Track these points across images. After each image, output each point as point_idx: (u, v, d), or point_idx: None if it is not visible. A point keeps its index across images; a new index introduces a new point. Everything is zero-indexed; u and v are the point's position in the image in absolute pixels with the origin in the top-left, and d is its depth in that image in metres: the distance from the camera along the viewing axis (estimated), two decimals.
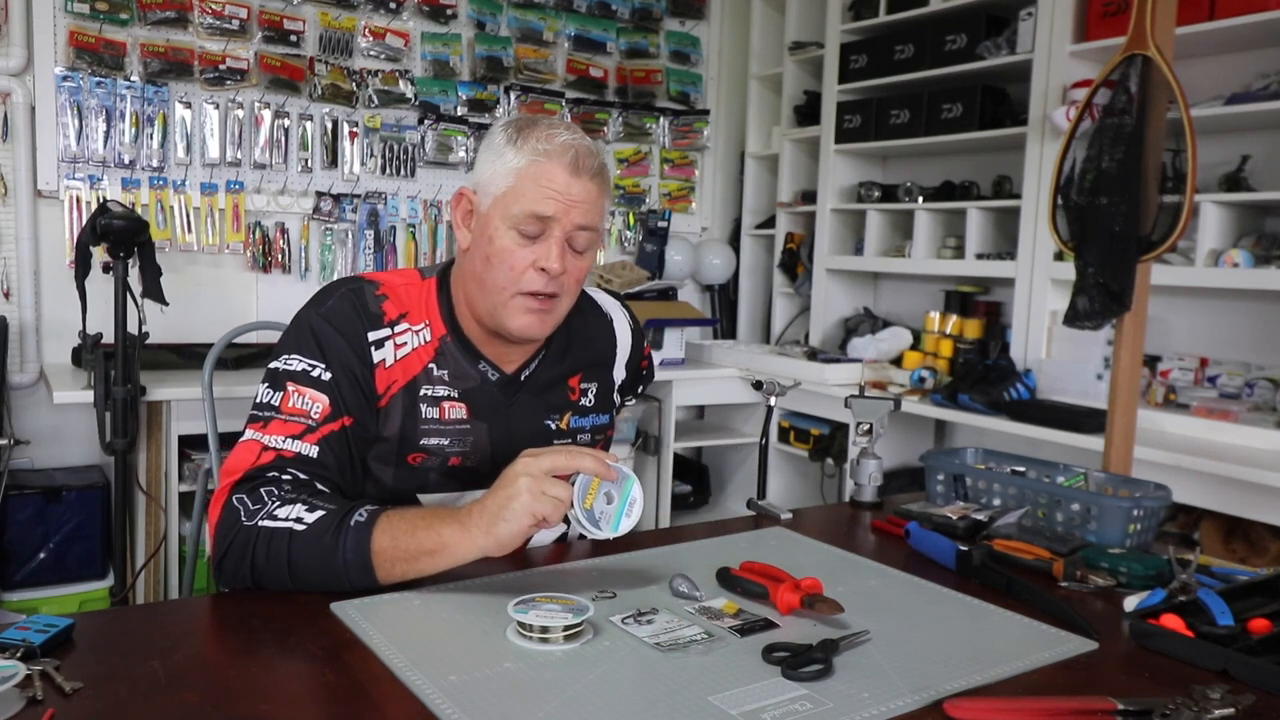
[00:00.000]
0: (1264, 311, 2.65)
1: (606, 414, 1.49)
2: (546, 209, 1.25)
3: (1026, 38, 2.96)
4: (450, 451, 1.33)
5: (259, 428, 1.23)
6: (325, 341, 1.27)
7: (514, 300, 1.28)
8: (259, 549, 1.13)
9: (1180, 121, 1.78)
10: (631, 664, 0.97)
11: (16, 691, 0.86)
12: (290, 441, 1.22)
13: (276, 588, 1.14)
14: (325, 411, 1.24)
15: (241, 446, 1.23)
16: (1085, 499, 1.45)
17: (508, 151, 1.26)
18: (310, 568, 1.12)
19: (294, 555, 1.12)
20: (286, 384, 1.25)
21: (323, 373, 1.26)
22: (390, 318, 1.32)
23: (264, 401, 1.25)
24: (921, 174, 3.56)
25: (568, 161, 1.24)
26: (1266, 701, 0.93)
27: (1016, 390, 2.82)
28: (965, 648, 1.04)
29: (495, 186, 1.27)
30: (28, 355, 2.98)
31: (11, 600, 2.68)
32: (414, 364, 1.32)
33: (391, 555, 1.12)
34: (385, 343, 1.30)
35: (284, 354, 1.28)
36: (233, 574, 1.16)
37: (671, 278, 3.85)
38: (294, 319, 1.32)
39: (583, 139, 1.28)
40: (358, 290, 1.33)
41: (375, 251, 3.45)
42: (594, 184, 1.27)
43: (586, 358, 1.46)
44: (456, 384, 1.34)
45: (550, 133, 1.26)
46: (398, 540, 1.12)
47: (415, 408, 1.31)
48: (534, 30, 3.70)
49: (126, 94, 3.03)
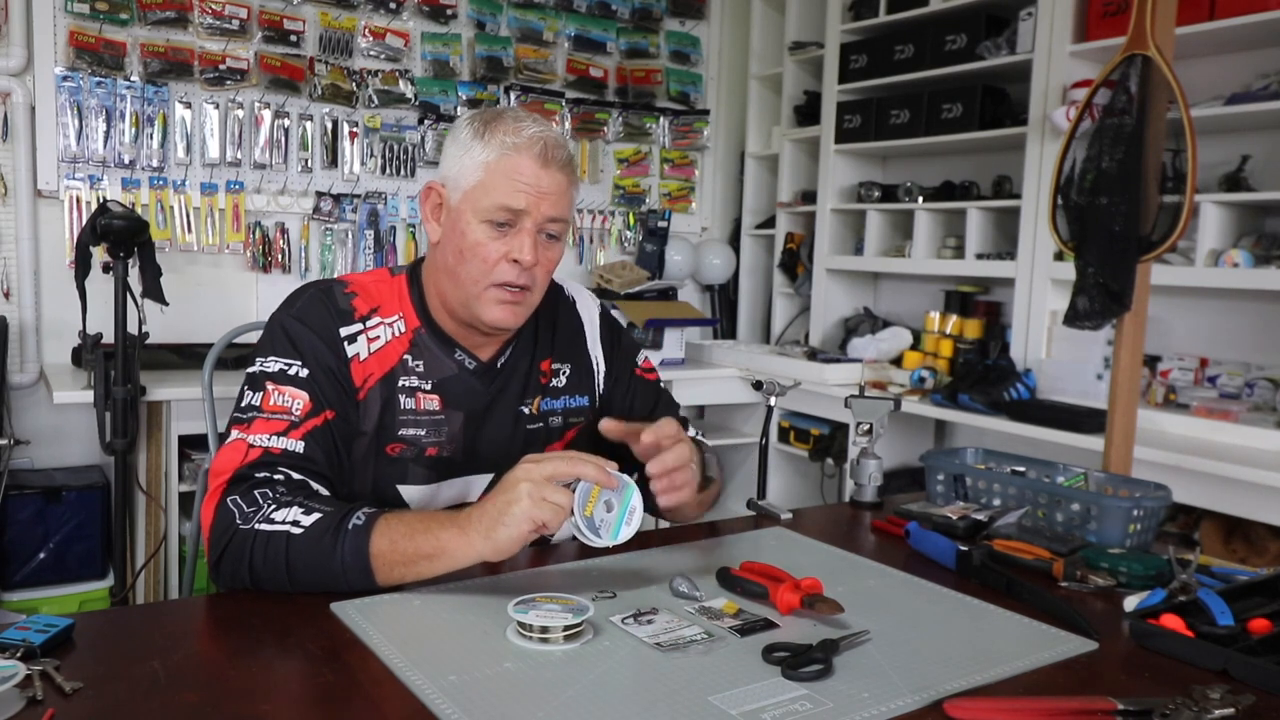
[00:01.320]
0: (1264, 311, 2.65)
1: (584, 396, 1.49)
2: (518, 202, 1.26)
3: (1026, 38, 2.96)
4: (426, 442, 1.35)
5: (243, 428, 1.24)
6: (299, 340, 1.28)
7: (487, 292, 1.29)
8: (256, 552, 1.13)
9: (1180, 121, 1.78)
10: (631, 664, 0.97)
11: (16, 691, 0.86)
12: (275, 438, 1.22)
13: (275, 589, 1.14)
14: (306, 407, 1.25)
15: (227, 448, 1.23)
16: (1085, 499, 1.45)
17: (475, 145, 1.28)
18: (308, 570, 1.12)
19: (292, 558, 1.12)
20: (265, 384, 1.26)
21: (299, 370, 1.27)
22: (361, 313, 1.34)
23: (245, 404, 1.26)
24: (921, 174, 3.55)
25: (536, 154, 1.26)
26: (1266, 701, 0.93)
27: (1016, 390, 2.82)
28: (965, 648, 1.04)
29: (465, 180, 1.29)
30: (28, 355, 2.98)
31: (11, 600, 2.68)
32: (390, 356, 1.34)
33: (390, 559, 1.12)
34: (358, 337, 1.32)
35: (260, 357, 1.30)
36: (230, 576, 1.16)
37: (671, 278, 3.85)
38: (267, 322, 1.34)
39: (550, 130, 1.29)
40: (326, 290, 1.35)
41: (375, 251, 3.45)
42: (563, 175, 1.29)
43: (556, 340, 1.47)
44: (432, 375, 1.35)
45: (517, 125, 1.27)
46: (396, 544, 1.12)
47: (394, 399, 1.33)
48: (534, 30, 3.70)
49: (126, 94, 3.03)
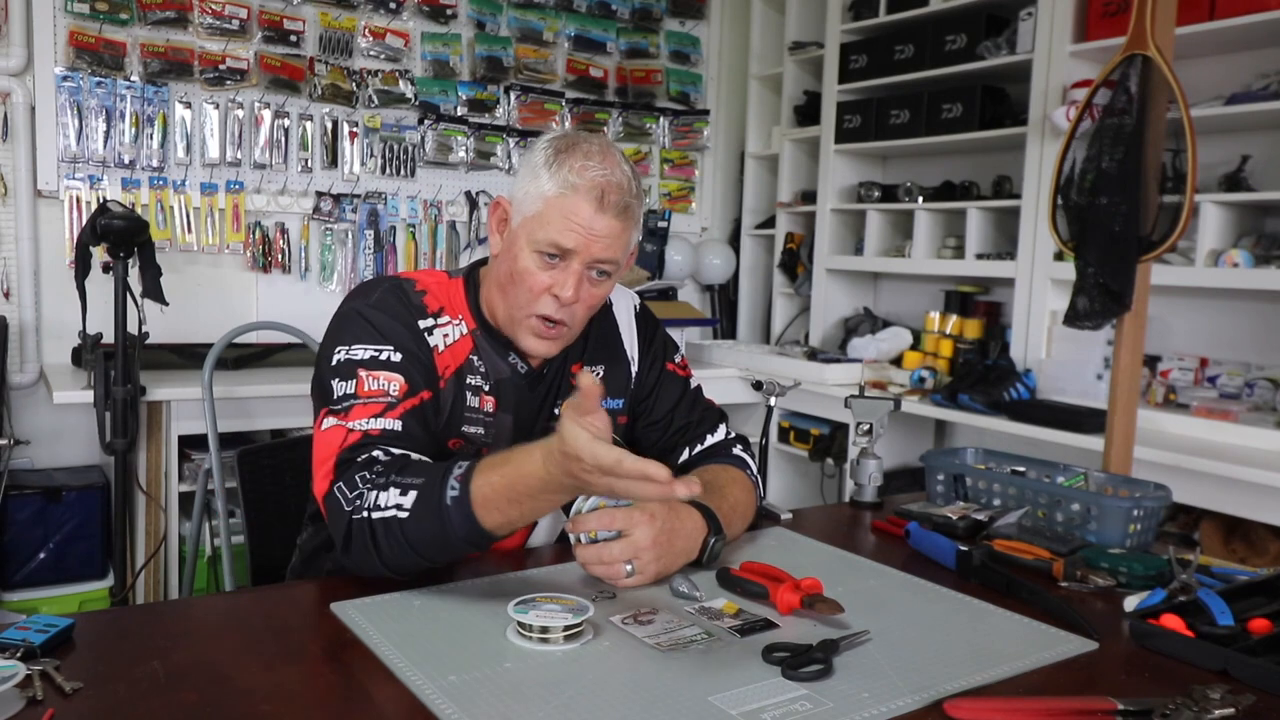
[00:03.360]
0: (1264, 311, 2.65)
1: (619, 398, 1.48)
2: (568, 241, 1.27)
3: (1026, 38, 2.96)
4: (482, 441, 1.36)
5: (340, 416, 1.23)
6: (384, 327, 1.29)
7: (528, 320, 1.31)
8: (380, 542, 1.12)
9: (1180, 121, 1.78)
10: (631, 664, 0.97)
11: (16, 691, 0.86)
12: (373, 420, 1.22)
13: (415, 569, 1.14)
14: (403, 388, 1.25)
15: (326, 433, 1.22)
16: (1085, 499, 1.45)
17: (543, 174, 1.28)
18: (431, 548, 1.11)
19: (412, 540, 1.11)
20: (358, 371, 1.26)
21: (391, 354, 1.27)
22: (432, 310, 1.35)
23: (340, 394, 1.25)
24: (921, 174, 3.55)
25: (595, 198, 1.26)
26: (1266, 701, 0.93)
27: (1016, 390, 2.82)
28: (965, 648, 1.04)
29: (526, 207, 1.30)
30: (28, 355, 2.98)
31: (11, 600, 2.68)
32: (460, 353, 1.36)
33: (499, 521, 1.09)
34: (434, 330, 1.34)
35: (343, 346, 1.28)
36: (363, 564, 1.16)
37: (671, 278, 3.85)
38: (339, 314, 1.33)
39: (614, 173, 1.28)
40: (398, 285, 1.36)
41: (375, 251, 3.45)
42: (618, 221, 1.29)
43: (589, 344, 1.47)
44: (492, 375, 1.37)
45: (585, 164, 1.27)
46: (502, 509, 1.08)
47: (462, 394, 1.35)
48: (534, 30, 3.70)
49: (126, 94, 3.03)
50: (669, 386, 1.52)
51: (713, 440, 1.50)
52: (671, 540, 1.19)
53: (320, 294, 3.37)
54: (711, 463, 1.47)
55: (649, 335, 1.54)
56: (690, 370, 1.56)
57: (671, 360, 1.54)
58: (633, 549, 1.15)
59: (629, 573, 1.15)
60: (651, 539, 1.16)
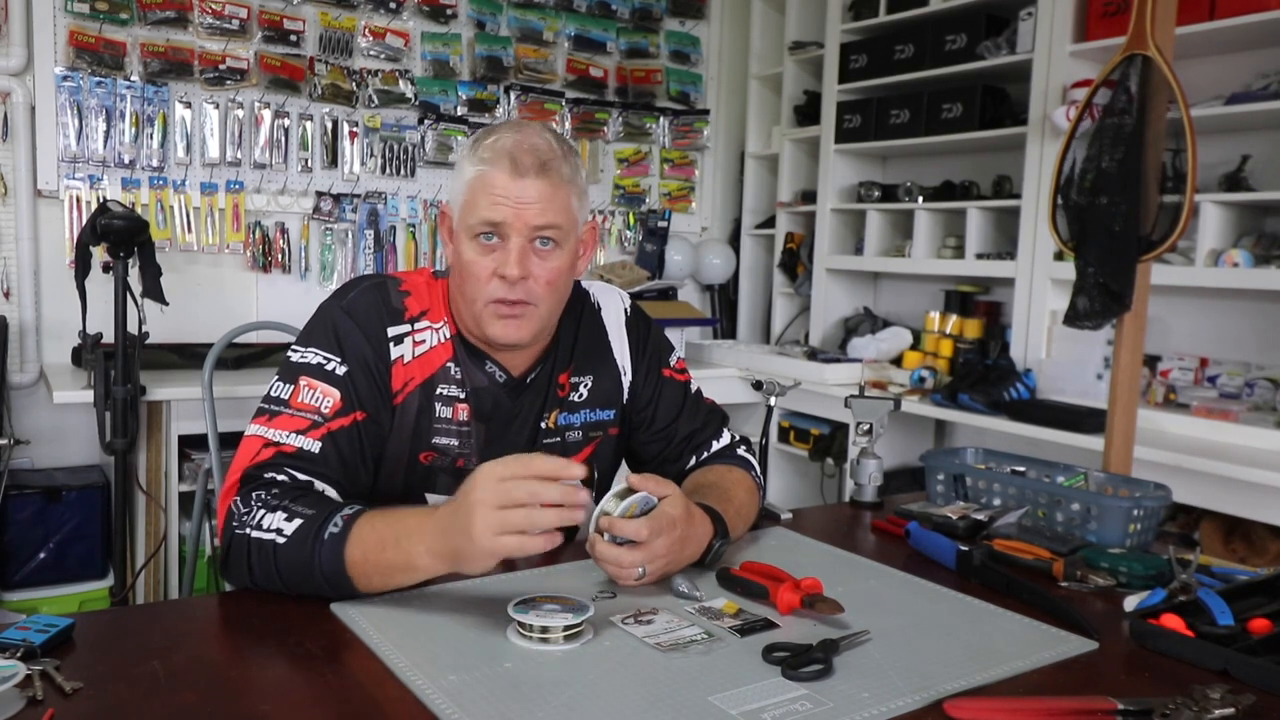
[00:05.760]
0: (1264, 311, 2.65)
1: (609, 409, 1.45)
2: (496, 215, 1.24)
3: (1026, 38, 2.96)
4: (457, 453, 1.34)
5: (265, 421, 1.23)
6: (344, 334, 1.28)
7: (487, 309, 1.28)
8: (253, 558, 1.13)
9: (1180, 121, 1.78)
10: (631, 664, 0.97)
11: (16, 691, 0.86)
12: (293, 436, 1.22)
13: (277, 592, 1.14)
14: (335, 406, 1.24)
15: (245, 441, 1.23)
16: (1085, 499, 1.45)
17: (464, 164, 1.28)
18: (297, 579, 1.11)
19: (280, 567, 1.11)
20: (299, 378, 1.26)
21: (338, 367, 1.27)
22: (412, 314, 1.33)
23: (274, 395, 1.25)
24: (921, 174, 3.55)
25: (509, 164, 1.24)
26: (1266, 701, 0.93)
27: (1016, 390, 2.82)
28: (965, 648, 1.04)
29: (457, 200, 1.29)
30: (28, 355, 2.98)
31: (11, 600, 2.68)
32: (433, 361, 1.33)
33: (364, 569, 1.09)
34: (404, 339, 1.32)
35: (300, 345, 1.29)
36: (235, 577, 1.16)
37: (671, 278, 3.85)
38: (318, 308, 1.33)
39: (528, 137, 1.26)
40: (380, 285, 1.35)
41: (375, 251, 3.45)
42: (541, 180, 1.24)
43: (576, 351, 1.44)
44: (469, 384, 1.35)
45: (497, 139, 1.26)
46: (369, 555, 1.09)
47: (430, 406, 1.33)
48: (534, 30, 3.70)
49: (126, 94, 3.03)
50: (669, 394, 1.49)
51: (718, 446, 1.50)
52: (684, 545, 1.20)
53: (320, 294, 3.33)
54: (716, 464, 1.47)
55: (641, 341, 1.49)
56: (689, 373, 1.54)
57: (668, 365, 1.51)
58: (649, 556, 1.15)
59: (640, 575, 1.16)
60: (667, 547, 1.16)
